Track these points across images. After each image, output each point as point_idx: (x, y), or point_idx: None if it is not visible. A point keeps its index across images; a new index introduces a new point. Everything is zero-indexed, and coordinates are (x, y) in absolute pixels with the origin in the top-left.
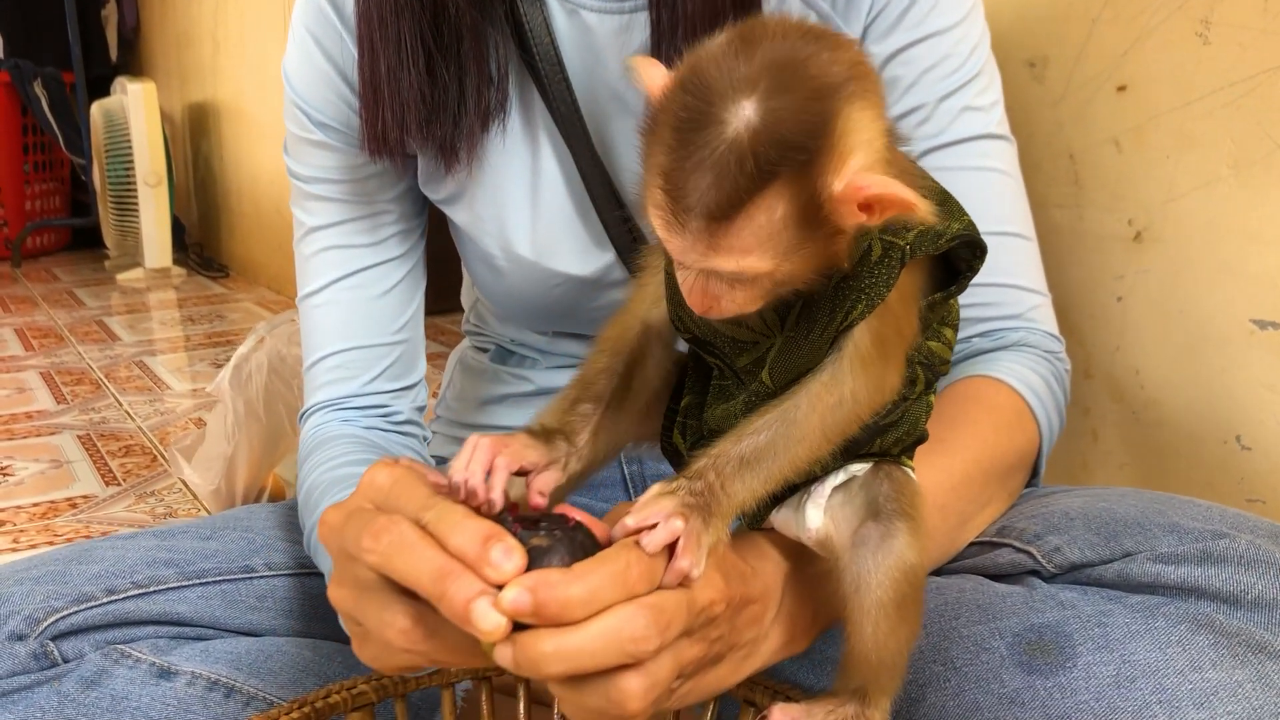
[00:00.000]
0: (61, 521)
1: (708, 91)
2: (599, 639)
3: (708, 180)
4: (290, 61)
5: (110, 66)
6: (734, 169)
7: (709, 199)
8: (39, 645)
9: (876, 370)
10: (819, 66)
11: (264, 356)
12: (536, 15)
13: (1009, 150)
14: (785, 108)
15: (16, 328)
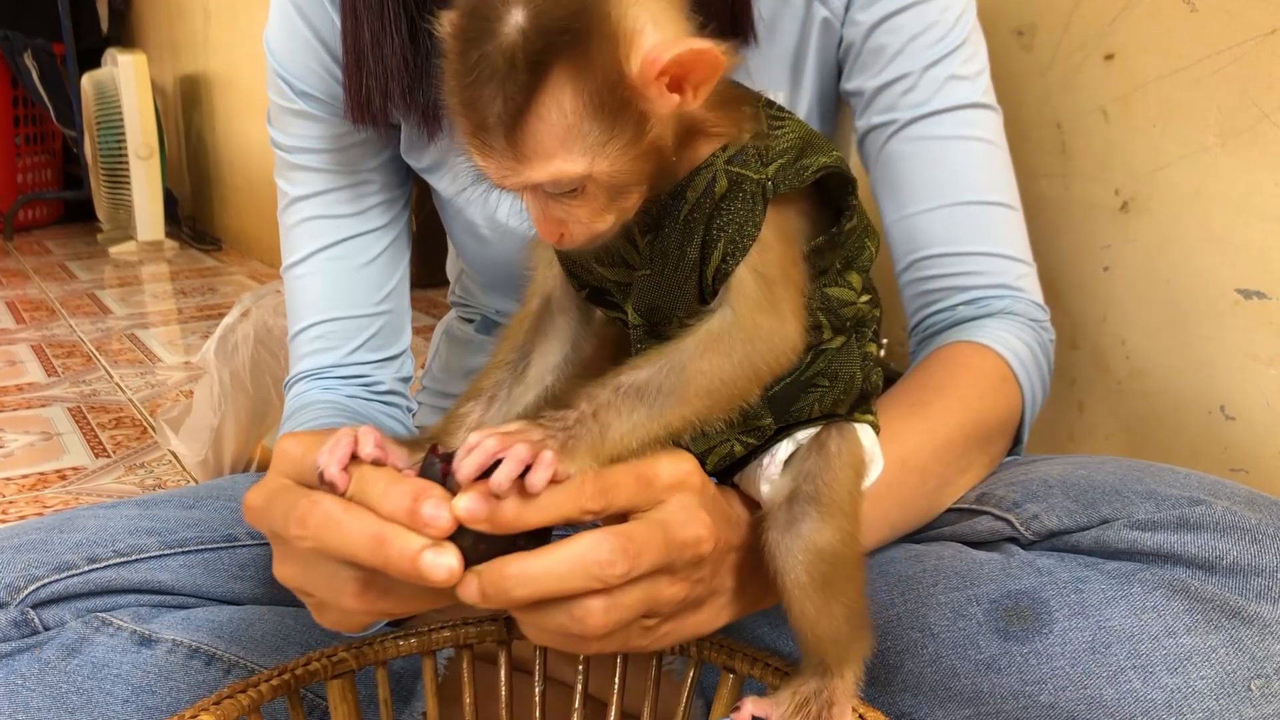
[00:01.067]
0: (51, 493)
1: (481, 6)
2: (565, 563)
3: (490, 90)
4: (272, 31)
5: (101, 38)
6: (506, 70)
7: (497, 108)
8: (19, 613)
9: (767, 318)
10: None
11: (250, 327)
12: None
13: (994, 119)
14: (539, 8)
15: (8, 301)
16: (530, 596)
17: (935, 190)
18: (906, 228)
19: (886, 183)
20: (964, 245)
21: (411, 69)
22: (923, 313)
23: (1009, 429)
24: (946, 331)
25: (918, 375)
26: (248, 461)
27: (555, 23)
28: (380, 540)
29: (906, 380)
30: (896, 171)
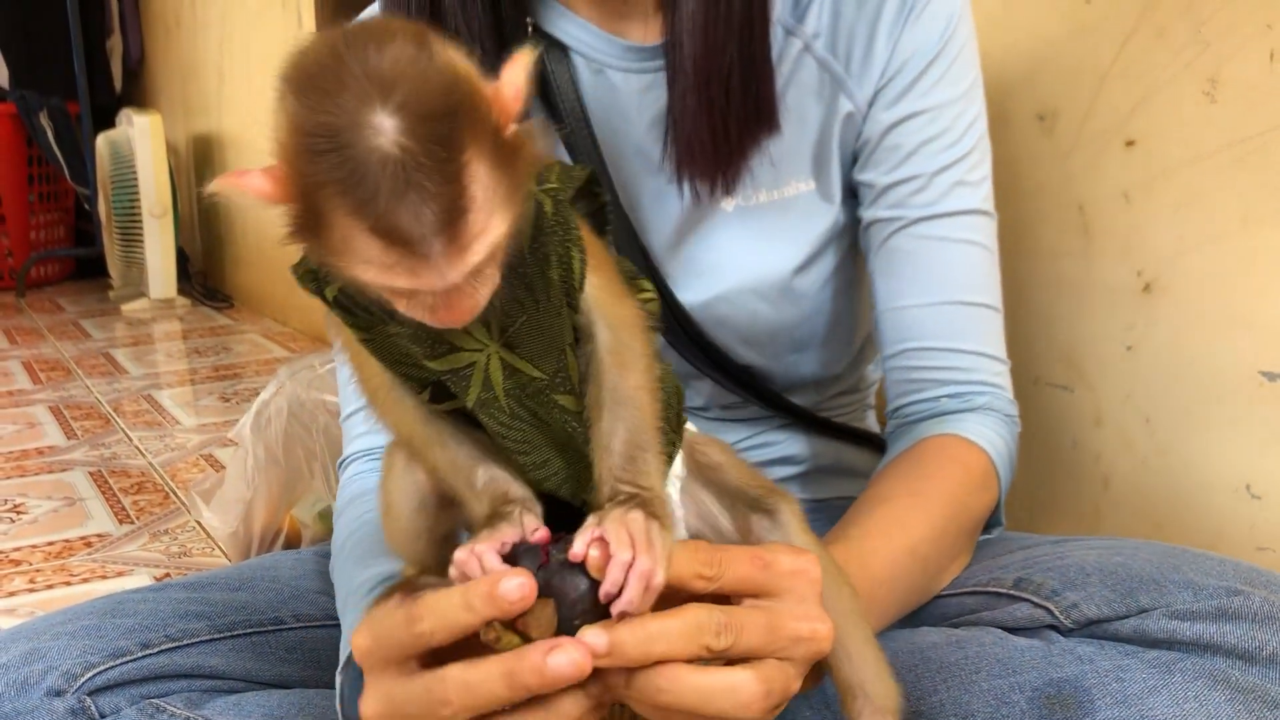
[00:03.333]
0: (77, 561)
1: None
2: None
3: (412, 199)
4: None
5: (114, 97)
6: (422, 172)
7: (428, 214)
8: (77, 701)
9: (624, 304)
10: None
11: (284, 401)
12: (563, 73)
13: (991, 226)
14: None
15: (24, 360)
16: (643, 659)
17: (932, 287)
18: (900, 317)
19: (885, 273)
20: (953, 341)
21: None
22: (906, 399)
23: (984, 519)
24: (930, 421)
25: (913, 465)
26: (276, 532)
27: (437, 109)
28: (512, 674)
29: (900, 466)
30: (897, 264)
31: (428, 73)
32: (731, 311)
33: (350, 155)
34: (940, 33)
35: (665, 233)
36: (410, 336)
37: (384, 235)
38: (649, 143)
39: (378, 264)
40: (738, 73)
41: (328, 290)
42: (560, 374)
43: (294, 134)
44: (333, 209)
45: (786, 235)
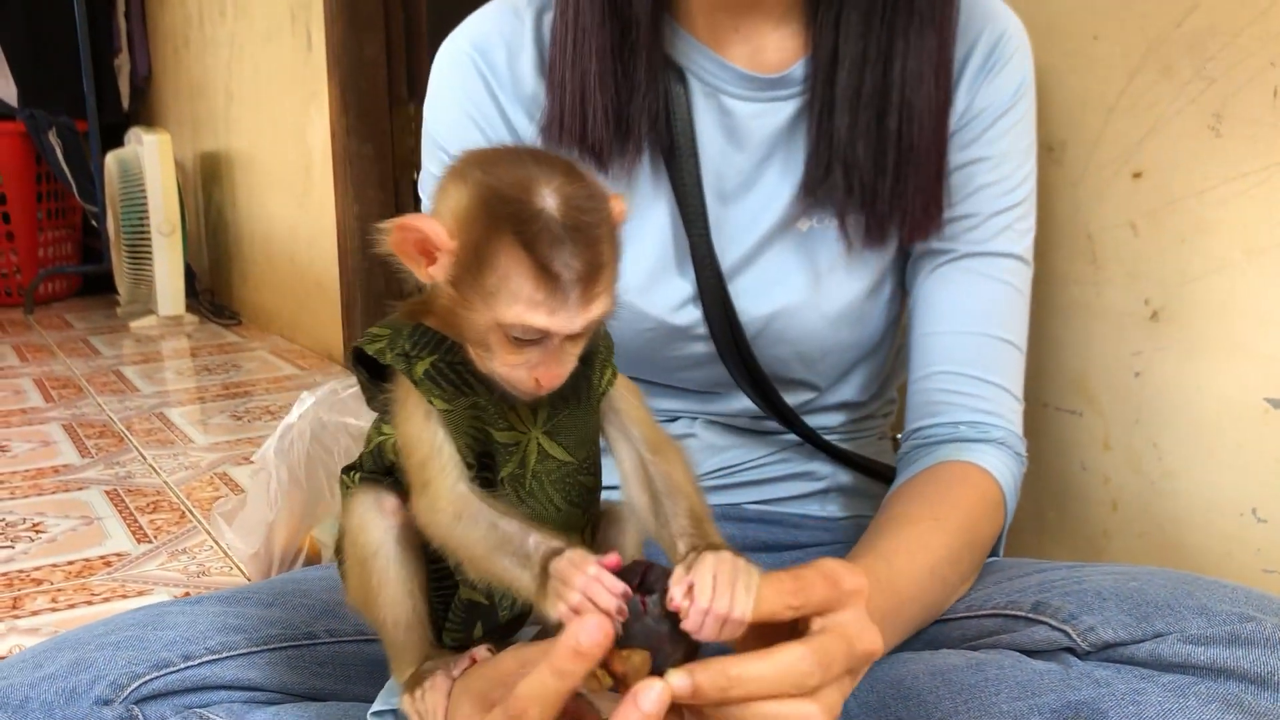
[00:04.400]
0: (97, 580)
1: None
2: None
3: (569, 250)
4: (435, 109)
5: (122, 115)
6: (580, 234)
7: (577, 265)
8: (125, 710)
9: (650, 416)
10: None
11: (306, 425)
12: (681, 94)
13: (1027, 274)
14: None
15: (35, 378)
16: (741, 698)
17: (969, 318)
18: (935, 342)
19: (928, 300)
20: (980, 371)
21: (616, 89)
22: (927, 420)
23: (991, 546)
24: (948, 446)
25: (934, 489)
26: (296, 552)
27: (587, 192)
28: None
29: (921, 489)
30: (941, 293)
31: (579, 170)
32: (792, 327)
33: (525, 209)
34: (1014, 90)
35: (743, 249)
36: (482, 409)
37: (539, 272)
38: (751, 166)
39: (526, 301)
40: (874, 99)
41: (417, 366)
42: (588, 461)
43: (478, 193)
44: (500, 250)
45: (857, 259)
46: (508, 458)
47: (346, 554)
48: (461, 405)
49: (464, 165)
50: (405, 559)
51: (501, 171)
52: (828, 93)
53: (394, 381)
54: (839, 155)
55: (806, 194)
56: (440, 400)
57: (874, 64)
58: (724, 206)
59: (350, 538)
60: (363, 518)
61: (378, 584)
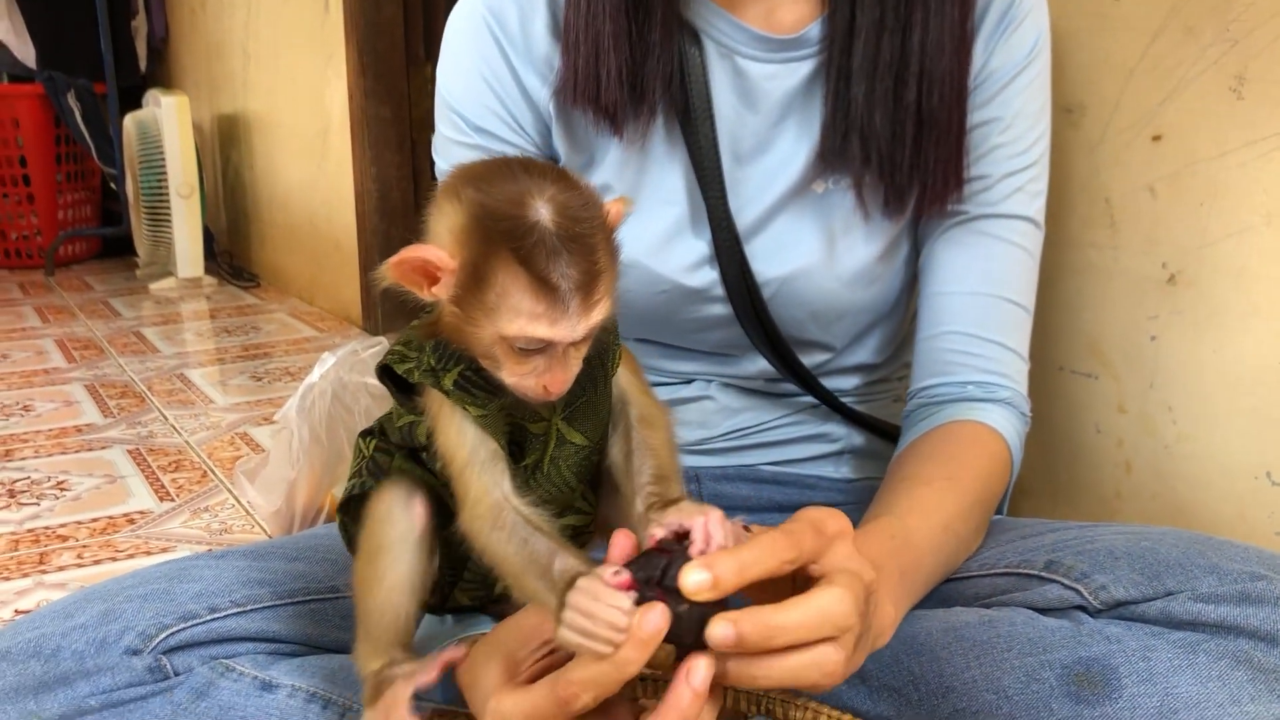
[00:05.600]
0: (121, 537)
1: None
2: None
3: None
4: (448, 71)
5: (139, 77)
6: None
7: (574, 275)
8: (153, 659)
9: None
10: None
11: (328, 385)
12: (695, 55)
13: (1038, 236)
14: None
15: (57, 339)
16: (785, 643)
17: (978, 279)
18: (944, 302)
19: (939, 261)
20: (988, 332)
21: (630, 49)
22: (935, 379)
23: (998, 503)
24: (955, 405)
25: (946, 449)
26: (317, 510)
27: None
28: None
29: (933, 449)
30: (951, 254)
31: (571, 178)
32: (808, 288)
33: (519, 224)
34: (1029, 50)
35: (759, 211)
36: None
37: (537, 285)
38: (766, 126)
39: (527, 314)
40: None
41: (445, 379)
42: (601, 440)
43: (472, 211)
44: (497, 267)
45: (873, 222)
46: (535, 447)
47: (364, 536)
48: (494, 408)
49: (456, 183)
50: (414, 564)
51: (494, 187)
52: (844, 61)
53: (423, 393)
54: (856, 125)
55: (823, 162)
56: (474, 407)
57: (892, 32)
58: (739, 168)
59: (372, 523)
60: (389, 512)
61: (380, 577)
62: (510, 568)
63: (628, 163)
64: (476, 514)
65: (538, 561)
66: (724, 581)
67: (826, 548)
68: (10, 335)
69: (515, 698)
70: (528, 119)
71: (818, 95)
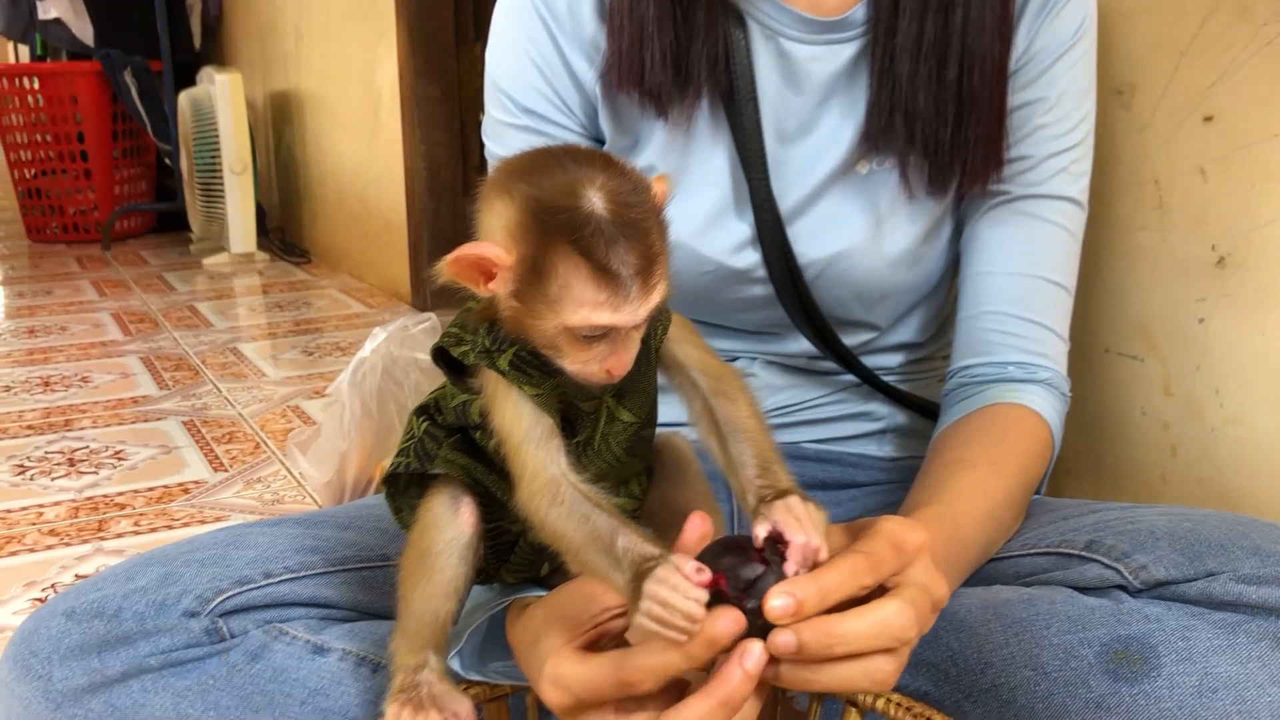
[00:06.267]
0: (176, 506)
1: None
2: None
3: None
4: (496, 53)
5: (194, 55)
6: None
7: (633, 260)
8: (210, 622)
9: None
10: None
11: (378, 359)
12: (740, 38)
13: (1081, 217)
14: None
15: (113, 312)
16: (844, 653)
17: (1020, 259)
18: (985, 282)
19: (981, 241)
20: (1029, 313)
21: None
22: (975, 358)
23: (1038, 485)
24: (995, 386)
25: (990, 433)
26: (367, 481)
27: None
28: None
29: (976, 432)
30: (994, 234)
31: (617, 163)
32: (852, 269)
33: (575, 215)
34: (1075, 30)
35: (803, 192)
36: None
37: (599, 275)
38: (809, 107)
39: (590, 303)
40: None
41: (501, 360)
42: (650, 416)
43: (526, 206)
44: (557, 260)
45: (917, 201)
46: (585, 424)
47: (412, 536)
48: (549, 387)
49: (504, 178)
50: (458, 570)
51: (544, 180)
52: (889, 41)
53: (478, 373)
54: (900, 105)
55: (867, 142)
56: (530, 386)
57: (935, 11)
58: (783, 150)
59: (421, 526)
60: (438, 516)
61: (425, 580)
62: (570, 543)
63: (672, 145)
64: (534, 489)
65: (600, 538)
66: (806, 608)
67: (907, 566)
68: (69, 308)
69: (574, 665)
70: (574, 100)
71: (862, 77)
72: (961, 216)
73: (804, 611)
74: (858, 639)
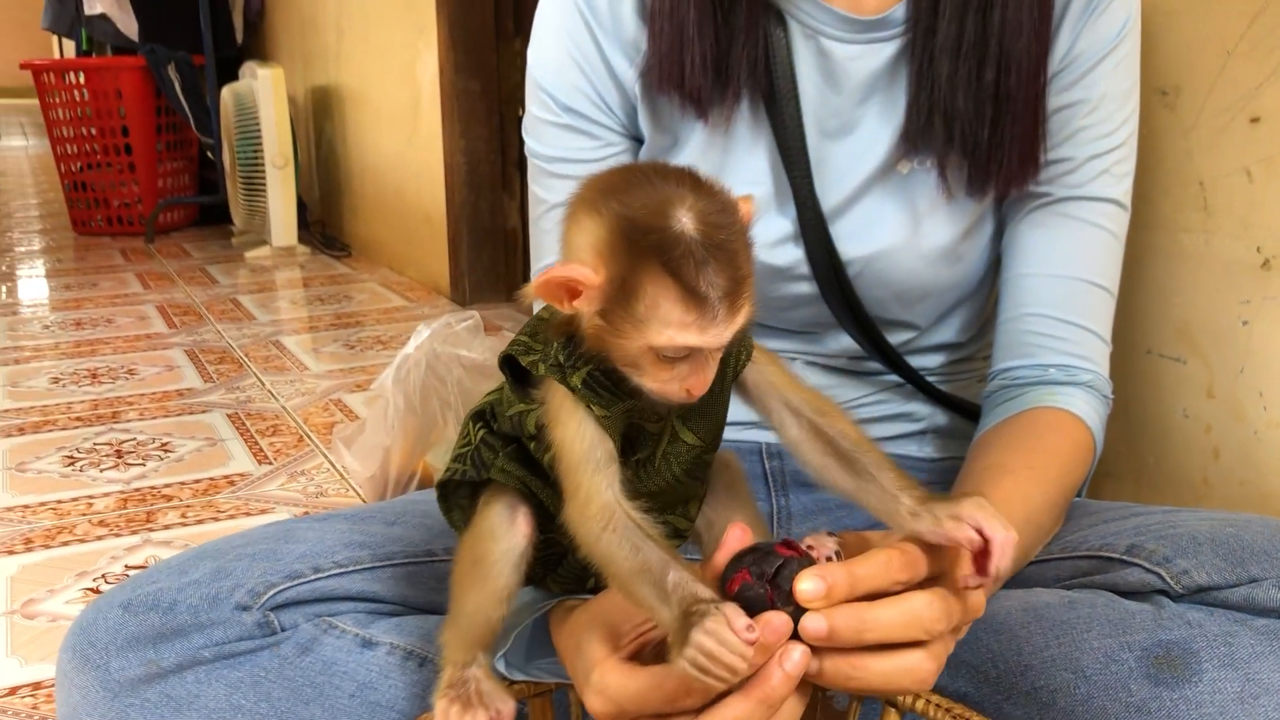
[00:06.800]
0: (223, 498)
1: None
2: (905, 615)
3: (713, 269)
4: (538, 51)
5: (236, 50)
6: (724, 252)
7: (722, 282)
8: (261, 615)
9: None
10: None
11: (422, 356)
12: (781, 38)
13: (1124, 219)
14: (705, 197)
15: (158, 304)
16: (875, 640)
17: (1062, 261)
18: (1026, 284)
19: (1022, 242)
20: (1071, 315)
21: (715, 35)
22: (1016, 360)
23: (1079, 489)
24: (1036, 389)
25: (1030, 438)
26: (410, 475)
27: (721, 207)
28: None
29: (1016, 437)
30: (1035, 236)
31: (706, 182)
32: (892, 268)
33: (665, 235)
34: (1118, 31)
35: (844, 192)
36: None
37: (687, 296)
38: (850, 106)
39: (677, 324)
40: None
41: (573, 377)
42: (714, 441)
43: (616, 225)
44: (646, 280)
45: (956, 201)
46: (646, 444)
47: (468, 542)
48: (618, 410)
49: (593, 195)
50: (511, 579)
51: (634, 198)
52: (929, 41)
53: (542, 386)
54: (940, 105)
55: (907, 142)
56: (599, 407)
57: (975, 12)
58: (824, 148)
59: (476, 533)
60: (494, 526)
61: (479, 584)
62: (619, 570)
63: (712, 145)
64: (588, 514)
65: (650, 570)
66: (836, 593)
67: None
68: (115, 301)
69: (620, 676)
70: (615, 99)
71: (901, 76)
72: (1003, 217)
73: (834, 595)
74: (888, 626)
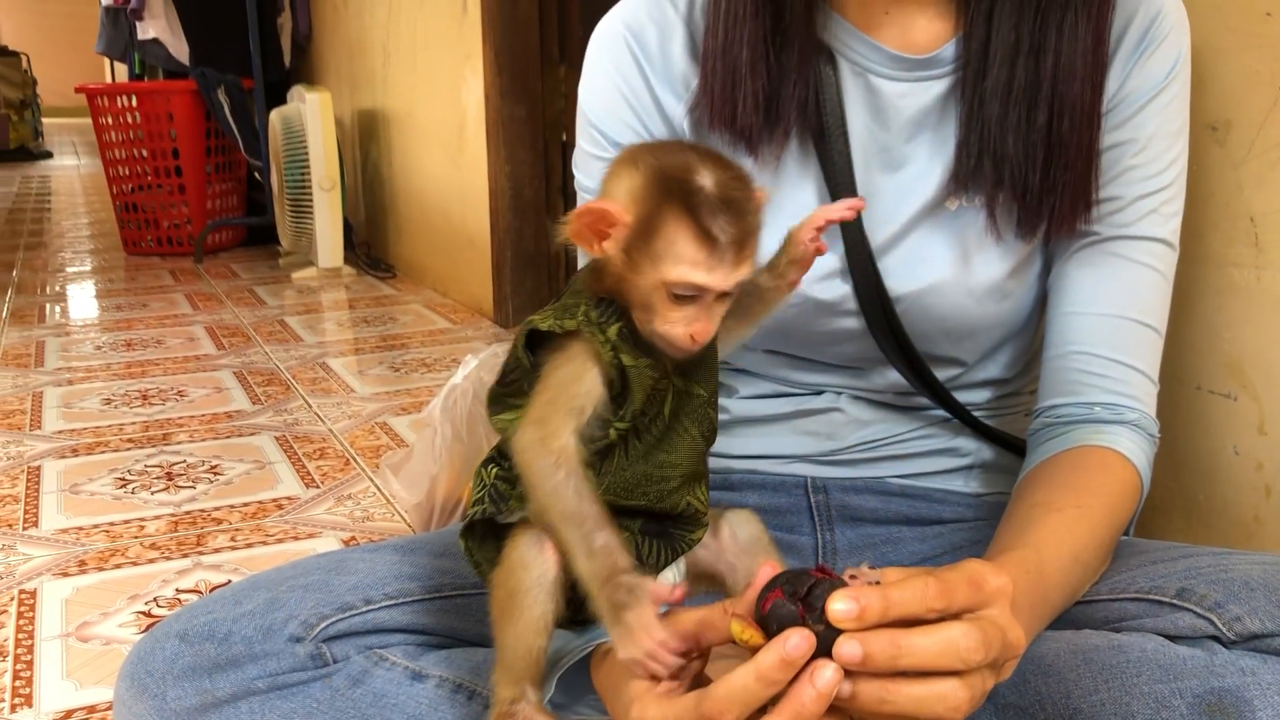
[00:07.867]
0: (270, 522)
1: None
2: (941, 643)
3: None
4: (589, 88)
5: (284, 73)
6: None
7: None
8: (314, 647)
9: None
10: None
11: (469, 385)
12: (830, 75)
13: (1172, 258)
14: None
15: (207, 326)
16: (909, 667)
17: (1109, 300)
18: (1073, 322)
19: (1069, 281)
20: (1118, 354)
21: (767, 74)
22: (1061, 398)
23: (1125, 528)
24: (1082, 427)
25: (1076, 476)
26: (456, 503)
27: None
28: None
29: (1062, 475)
30: (1082, 275)
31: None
32: (940, 304)
33: (689, 185)
34: (1168, 71)
35: (893, 227)
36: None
37: (701, 235)
38: (898, 142)
39: (689, 260)
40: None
41: (610, 329)
42: (714, 394)
43: (649, 174)
44: (667, 219)
45: (1004, 240)
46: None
47: (501, 576)
48: (643, 364)
49: (633, 153)
50: (547, 605)
51: (667, 157)
52: (979, 84)
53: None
54: (989, 147)
55: (956, 183)
56: (629, 356)
57: (1026, 56)
58: (872, 183)
59: (507, 566)
60: (524, 556)
61: (516, 617)
62: (558, 508)
63: (760, 181)
64: (549, 447)
65: (584, 521)
66: (869, 615)
67: (982, 605)
68: (164, 321)
69: (658, 708)
70: (663, 135)
71: (951, 113)
72: (1050, 255)
73: (866, 617)
74: (924, 653)
